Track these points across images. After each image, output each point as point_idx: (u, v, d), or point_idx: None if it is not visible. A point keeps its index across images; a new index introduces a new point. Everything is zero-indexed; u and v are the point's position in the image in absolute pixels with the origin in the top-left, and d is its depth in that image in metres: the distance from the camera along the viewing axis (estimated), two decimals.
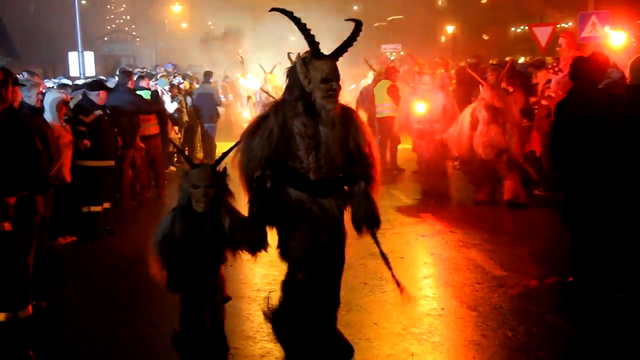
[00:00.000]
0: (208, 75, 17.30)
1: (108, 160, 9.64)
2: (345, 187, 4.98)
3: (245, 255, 4.92)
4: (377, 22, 43.92)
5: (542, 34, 16.39)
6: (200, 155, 16.83)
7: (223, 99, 20.35)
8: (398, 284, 5.13)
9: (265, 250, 4.87)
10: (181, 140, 16.08)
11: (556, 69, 11.32)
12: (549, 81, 11.08)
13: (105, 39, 46.23)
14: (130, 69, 14.77)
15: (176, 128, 15.09)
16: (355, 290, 6.87)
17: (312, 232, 4.84)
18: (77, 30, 22.31)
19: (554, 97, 10.04)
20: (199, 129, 16.66)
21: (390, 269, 5.11)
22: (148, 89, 12.54)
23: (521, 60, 21.58)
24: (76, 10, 22.20)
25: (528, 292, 6.89)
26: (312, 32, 4.79)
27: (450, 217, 10.11)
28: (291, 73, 4.90)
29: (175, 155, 15.92)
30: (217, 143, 16.91)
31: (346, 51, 4.85)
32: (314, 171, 4.79)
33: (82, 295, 7.27)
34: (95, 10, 42.86)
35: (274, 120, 4.78)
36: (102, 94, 9.77)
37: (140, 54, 44.75)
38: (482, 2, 49.74)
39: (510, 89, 11.32)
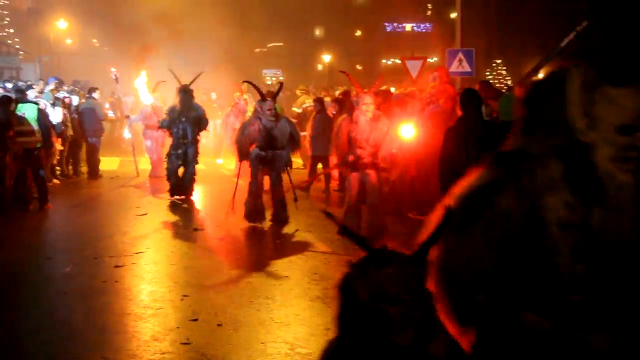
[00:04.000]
0: (92, 90, 16.65)
1: None
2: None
3: None
4: (259, 48, 43.85)
5: (414, 66, 16.79)
6: (84, 169, 16.07)
7: (112, 115, 19.62)
8: None
9: None
10: (65, 154, 15.30)
11: (427, 100, 11.51)
12: None
13: None
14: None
15: (60, 141, 14.30)
16: (242, 309, 6.58)
17: None
18: None
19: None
20: (84, 143, 15.93)
21: None
22: (34, 102, 11.81)
23: (392, 90, 21.92)
24: None
25: None
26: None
27: (326, 238, 9.69)
28: (538, 95, 2.51)
29: (58, 168, 15.08)
30: (100, 158, 16.23)
31: None
32: (580, 288, 2.42)
33: None
34: None
35: (514, 197, 2.42)
36: None
37: (23, 67, 42.75)
38: (356, 35, 50.75)
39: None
